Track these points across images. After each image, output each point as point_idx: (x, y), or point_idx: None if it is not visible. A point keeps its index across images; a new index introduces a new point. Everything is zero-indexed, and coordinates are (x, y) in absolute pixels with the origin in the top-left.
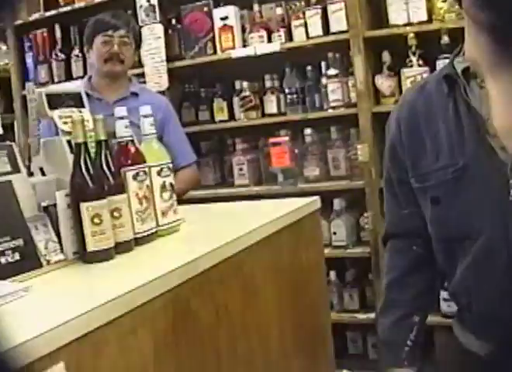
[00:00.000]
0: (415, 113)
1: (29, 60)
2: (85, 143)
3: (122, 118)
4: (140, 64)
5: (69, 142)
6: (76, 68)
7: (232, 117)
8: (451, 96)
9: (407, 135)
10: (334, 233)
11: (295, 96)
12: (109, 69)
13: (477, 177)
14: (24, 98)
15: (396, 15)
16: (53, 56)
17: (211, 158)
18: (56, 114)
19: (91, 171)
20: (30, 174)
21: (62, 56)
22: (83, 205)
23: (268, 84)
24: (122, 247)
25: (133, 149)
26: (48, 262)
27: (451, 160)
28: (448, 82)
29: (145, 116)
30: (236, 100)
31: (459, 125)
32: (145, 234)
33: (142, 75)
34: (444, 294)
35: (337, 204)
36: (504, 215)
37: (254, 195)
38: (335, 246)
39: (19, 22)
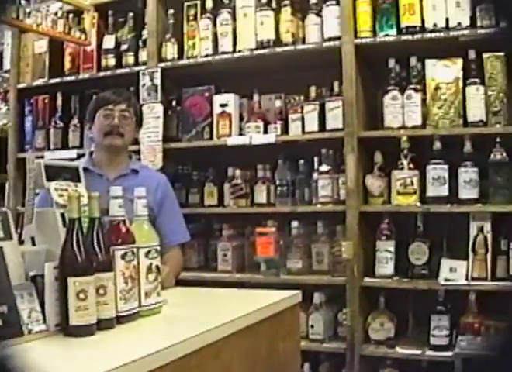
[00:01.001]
0: None
1: (28, 124)
2: (79, 219)
3: (116, 197)
4: (136, 141)
5: (62, 215)
6: (73, 138)
7: (221, 202)
8: None
9: None
10: (312, 326)
11: (285, 188)
12: (110, 142)
13: None
14: (18, 160)
15: (392, 117)
16: (52, 123)
17: (197, 241)
18: (52, 186)
19: (82, 247)
20: (21, 242)
21: (61, 124)
22: (70, 280)
23: (260, 173)
24: (103, 324)
25: (124, 229)
26: (30, 331)
27: None
28: None
29: (139, 198)
30: (227, 186)
31: None
32: (127, 313)
33: (137, 152)
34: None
35: (317, 298)
36: None
37: (236, 282)
38: (312, 339)
39: (23, 85)
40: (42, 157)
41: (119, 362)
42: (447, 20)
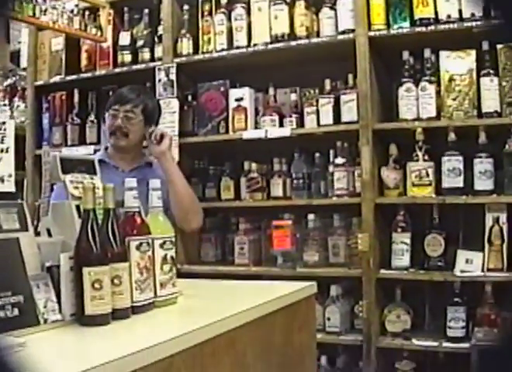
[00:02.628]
0: None
1: (45, 121)
2: (94, 210)
3: (131, 189)
4: None
5: (78, 207)
6: (90, 134)
7: (238, 196)
8: None
9: None
10: (328, 319)
11: (301, 181)
12: (114, 142)
13: None
14: (36, 157)
15: (406, 109)
16: (69, 119)
17: (213, 235)
18: (68, 178)
19: (97, 237)
20: (37, 234)
21: (77, 120)
22: (85, 270)
23: (276, 167)
24: (118, 314)
25: (138, 220)
26: (45, 321)
27: None
28: None
29: (154, 189)
30: (243, 180)
31: None
32: (142, 303)
33: None
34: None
35: (334, 290)
36: None
37: (253, 275)
38: (328, 332)
39: (40, 82)
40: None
41: (133, 349)
42: (460, 11)
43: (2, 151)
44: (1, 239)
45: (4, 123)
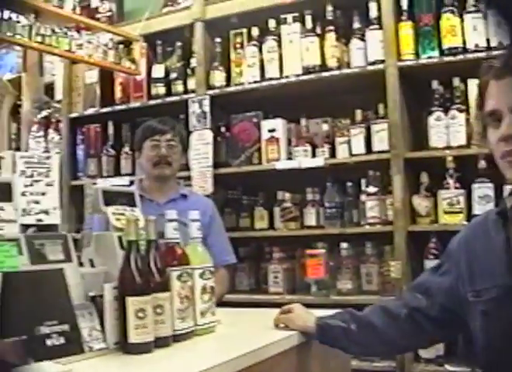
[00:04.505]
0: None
1: (80, 153)
2: (136, 241)
3: (171, 220)
4: (186, 168)
5: (119, 237)
6: (125, 165)
7: (271, 226)
8: (505, 227)
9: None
10: None
11: (334, 210)
12: (159, 173)
13: None
14: (71, 188)
15: (437, 138)
16: (104, 151)
17: (247, 264)
18: (110, 210)
19: (140, 268)
20: (80, 264)
21: (112, 152)
22: (128, 299)
23: (309, 196)
24: (160, 342)
25: (179, 251)
26: (90, 349)
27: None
28: (502, 217)
29: (193, 220)
30: (276, 210)
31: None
32: (183, 332)
33: (188, 178)
34: None
35: None
36: None
37: (287, 303)
38: (363, 359)
39: (75, 114)
40: (95, 184)
41: None
42: (488, 40)
43: (48, 185)
44: (48, 270)
45: (49, 158)
